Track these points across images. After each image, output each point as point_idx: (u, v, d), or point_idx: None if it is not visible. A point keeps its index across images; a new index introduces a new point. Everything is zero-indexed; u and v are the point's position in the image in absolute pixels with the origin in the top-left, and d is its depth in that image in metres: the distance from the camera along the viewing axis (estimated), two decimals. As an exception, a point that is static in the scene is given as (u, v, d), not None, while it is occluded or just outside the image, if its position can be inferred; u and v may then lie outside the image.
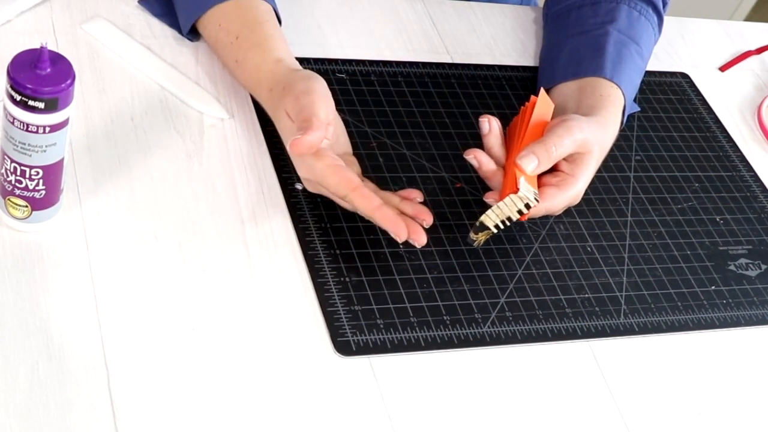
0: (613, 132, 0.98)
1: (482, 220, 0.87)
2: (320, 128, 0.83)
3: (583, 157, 0.92)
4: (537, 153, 0.88)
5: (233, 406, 0.75)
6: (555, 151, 0.89)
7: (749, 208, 1.06)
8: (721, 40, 1.29)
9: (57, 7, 0.99)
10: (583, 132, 0.91)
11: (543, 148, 0.89)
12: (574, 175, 0.92)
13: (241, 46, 0.93)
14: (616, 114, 0.99)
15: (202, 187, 0.88)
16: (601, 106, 0.98)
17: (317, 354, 0.80)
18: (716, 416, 0.87)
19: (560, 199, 0.91)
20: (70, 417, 0.71)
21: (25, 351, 0.73)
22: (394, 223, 0.84)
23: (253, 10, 0.94)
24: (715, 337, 0.93)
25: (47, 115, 0.73)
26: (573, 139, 0.90)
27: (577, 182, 0.92)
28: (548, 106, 0.96)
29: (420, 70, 1.07)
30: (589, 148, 0.92)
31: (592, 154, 0.92)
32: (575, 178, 0.91)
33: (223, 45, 0.95)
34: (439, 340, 0.84)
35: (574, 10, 1.10)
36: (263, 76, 0.91)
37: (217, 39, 0.95)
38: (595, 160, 0.93)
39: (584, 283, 0.92)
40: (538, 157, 0.88)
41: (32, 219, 0.79)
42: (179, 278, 0.81)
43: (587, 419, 0.83)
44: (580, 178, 0.92)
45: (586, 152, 0.92)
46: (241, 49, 0.93)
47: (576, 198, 0.93)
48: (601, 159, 0.96)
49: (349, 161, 0.90)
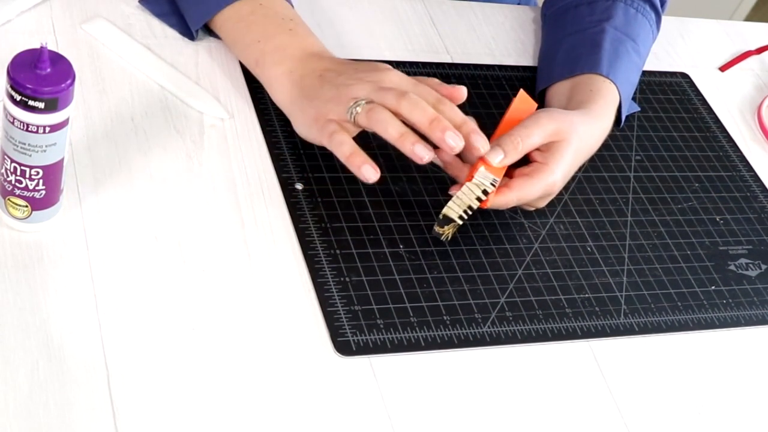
0: (604, 125, 0.98)
1: (444, 212, 0.87)
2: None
3: (558, 146, 0.91)
4: (502, 145, 0.88)
5: (233, 406, 0.75)
6: (521, 143, 0.89)
7: (749, 208, 1.06)
8: (721, 40, 1.29)
9: (57, 7, 0.99)
10: (555, 121, 0.91)
11: (509, 140, 0.89)
12: (548, 164, 0.91)
13: (268, 25, 0.94)
14: (607, 107, 0.99)
15: (202, 187, 0.88)
16: (591, 101, 0.98)
17: (317, 354, 0.80)
18: (716, 416, 0.87)
19: (532, 189, 0.90)
20: (70, 417, 0.71)
21: (25, 351, 0.73)
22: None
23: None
24: (715, 337, 0.93)
25: (47, 115, 0.73)
26: (542, 129, 0.90)
27: (551, 171, 0.91)
28: (528, 106, 0.96)
29: (420, 70, 1.07)
30: (564, 136, 0.91)
31: (567, 142, 0.91)
32: (548, 166, 0.90)
33: (247, 23, 0.94)
34: (439, 340, 0.84)
35: (572, 9, 1.10)
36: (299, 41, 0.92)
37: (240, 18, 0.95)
38: (572, 149, 0.92)
39: (584, 283, 0.92)
40: (503, 149, 0.88)
41: (32, 219, 0.79)
42: (179, 278, 0.81)
43: (587, 419, 0.83)
44: (554, 167, 0.91)
45: (560, 141, 0.91)
46: (269, 26, 0.93)
47: (551, 187, 0.92)
48: (584, 150, 0.95)
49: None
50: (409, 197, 0.93)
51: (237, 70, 0.99)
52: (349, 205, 0.91)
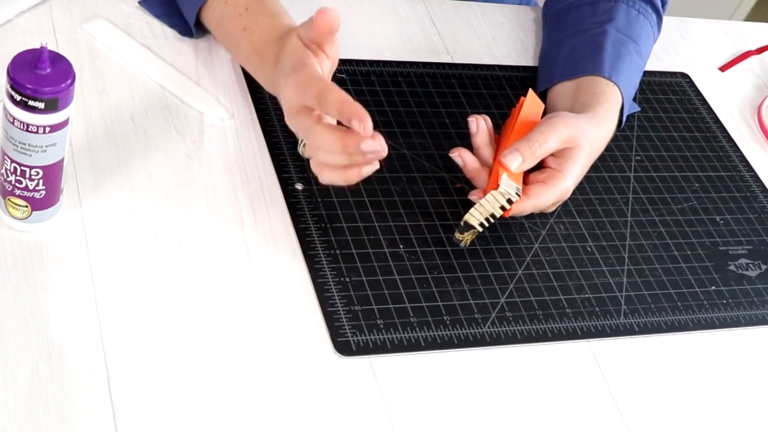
0: (608, 129, 0.98)
1: (466, 219, 0.88)
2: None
3: (571, 152, 0.92)
4: (521, 150, 0.89)
5: (233, 406, 0.75)
6: (539, 148, 0.89)
7: (749, 208, 1.06)
8: (721, 40, 1.29)
9: (57, 7, 0.99)
10: (569, 127, 0.91)
11: (527, 146, 0.89)
12: (562, 171, 0.91)
13: (251, 15, 0.93)
14: (611, 110, 0.99)
15: (202, 187, 0.88)
16: (595, 103, 0.98)
17: (317, 354, 0.80)
18: (716, 416, 0.87)
19: (547, 196, 0.91)
20: (70, 417, 0.71)
21: (25, 351, 0.73)
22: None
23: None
24: (715, 337, 0.93)
25: (47, 115, 0.73)
26: (557, 135, 0.90)
27: (564, 178, 0.91)
28: (537, 106, 0.96)
29: (420, 70, 1.07)
30: (577, 142, 0.92)
31: (580, 149, 0.92)
32: (562, 173, 0.91)
33: (229, 18, 0.94)
34: (439, 340, 0.84)
35: (573, 10, 1.10)
36: (276, 31, 0.90)
37: (223, 13, 0.95)
38: (584, 155, 0.93)
39: (584, 283, 0.92)
40: (522, 154, 0.89)
41: (32, 219, 0.79)
42: (179, 278, 0.81)
43: (587, 419, 0.83)
44: (568, 174, 0.92)
45: (574, 147, 0.92)
46: (251, 17, 0.93)
47: (565, 193, 0.93)
48: (593, 155, 0.96)
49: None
50: (409, 197, 0.93)
51: (237, 70, 0.99)
52: (349, 205, 0.91)
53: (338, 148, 0.81)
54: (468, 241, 0.89)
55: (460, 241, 0.89)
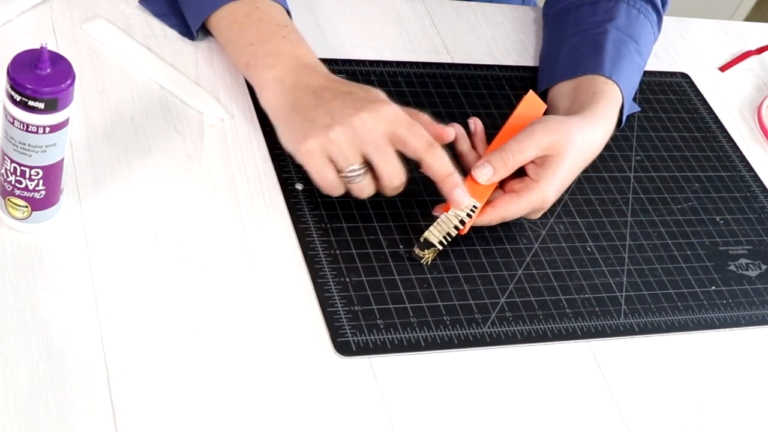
0: (606, 128, 0.98)
1: (426, 236, 0.87)
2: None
3: (552, 160, 0.90)
4: (492, 162, 0.88)
5: (233, 406, 0.75)
6: (512, 159, 0.88)
7: (749, 208, 1.06)
8: (721, 40, 1.29)
9: (57, 7, 0.99)
10: (551, 134, 0.90)
11: (499, 157, 0.88)
12: (538, 181, 0.90)
13: (263, 29, 0.93)
14: (610, 110, 0.99)
15: (202, 187, 0.88)
16: (593, 103, 0.98)
17: (317, 354, 0.80)
18: (716, 416, 0.87)
19: (518, 207, 0.90)
20: (70, 417, 0.71)
21: (25, 351, 0.73)
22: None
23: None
24: (715, 337, 0.93)
25: (47, 116, 0.73)
26: (536, 144, 0.89)
27: (539, 188, 0.90)
28: (538, 107, 0.95)
29: (420, 70, 1.07)
30: (559, 150, 0.90)
31: (562, 156, 0.90)
32: (538, 184, 0.90)
33: (241, 25, 0.93)
34: (439, 341, 0.84)
35: (573, 10, 1.10)
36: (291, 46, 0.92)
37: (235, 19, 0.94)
38: (567, 164, 0.91)
39: (584, 283, 0.92)
40: (493, 166, 0.88)
41: (32, 219, 0.79)
42: (179, 278, 0.81)
43: (587, 419, 0.83)
44: (544, 184, 0.90)
45: (555, 155, 0.90)
46: (263, 30, 0.93)
47: (542, 203, 0.91)
48: (584, 158, 0.94)
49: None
50: (409, 197, 0.93)
51: (237, 71, 0.99)
52: (349, 205, 0.91)
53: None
54: (429, 258, 0.88)
55: (420, 258, 0.88)
